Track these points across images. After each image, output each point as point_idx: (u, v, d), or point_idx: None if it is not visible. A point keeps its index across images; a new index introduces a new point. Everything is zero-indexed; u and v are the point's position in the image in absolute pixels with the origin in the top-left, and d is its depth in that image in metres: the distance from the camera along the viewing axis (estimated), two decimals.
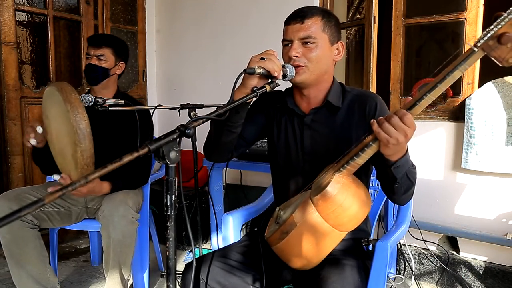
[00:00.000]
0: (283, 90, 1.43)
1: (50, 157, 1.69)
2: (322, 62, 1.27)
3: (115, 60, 2.00)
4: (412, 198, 1.53)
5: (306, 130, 1.33)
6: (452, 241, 2.33)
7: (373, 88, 2.44)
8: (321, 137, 1.31)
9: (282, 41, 1.29)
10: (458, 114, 2.20)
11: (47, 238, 2.08)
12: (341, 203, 1.06)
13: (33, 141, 1.64)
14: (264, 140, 2.27)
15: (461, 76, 2.18)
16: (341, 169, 1.08)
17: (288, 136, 1.36)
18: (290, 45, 1.26)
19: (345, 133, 1.29)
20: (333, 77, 1.35)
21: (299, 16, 1.25)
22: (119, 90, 2.09)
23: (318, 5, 2.65)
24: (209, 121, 1.01)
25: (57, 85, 1.44)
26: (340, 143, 1.29)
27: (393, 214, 1.82)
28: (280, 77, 1.18)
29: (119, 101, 1.77)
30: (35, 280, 1.77)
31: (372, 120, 1.03)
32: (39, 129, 1.64)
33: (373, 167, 1.33)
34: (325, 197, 1.06)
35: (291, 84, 1.33)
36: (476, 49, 0.92)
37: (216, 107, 1.04)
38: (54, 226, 1.91)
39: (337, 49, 1.31)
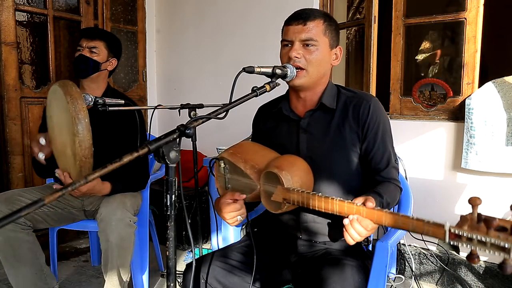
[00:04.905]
0: (277, 97, 1.45)
1: (49, 162, 1.68)
2: (321, 65, 1.27)
3: (108, 55, 1.96)
4: (412, 198, 1.54)
5: (302, 134, 1.33)
6: None
7: (373, 88, 2.45)
8: (316, 139, 1.31)
9: (282, 41, 1.29)
10: (458, 114, 2.20)
11: (47, 238, 2.09)
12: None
13: (41, 155, 1.64)
14: None
15: (461, 76, 2.19)
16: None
17: (285, 140, 1.36)
18: (290, 45, 1.26)
19: (339, 135, 1.29)
20: (329, 80, 1.36)
21: (301, 17, 1.25)
22: (110, 87, 2.04)
23: (318, 5, 2.65)
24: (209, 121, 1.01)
25: (59, 82, 1.47)
26: (335, 145, 1.29)
27: None
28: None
29: (119, 101, 1.76)
30: (31, 281, 1.77)
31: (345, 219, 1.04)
32: (42, 141, 1.63)
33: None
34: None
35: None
36: (446, 229, 0.84)
37: (216, 107, 1.04)
38: (50, 226, 1.91)
39: (335, 53, 1.32)
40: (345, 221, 1.03)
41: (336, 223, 1.28)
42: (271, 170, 1.14)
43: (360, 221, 1.01)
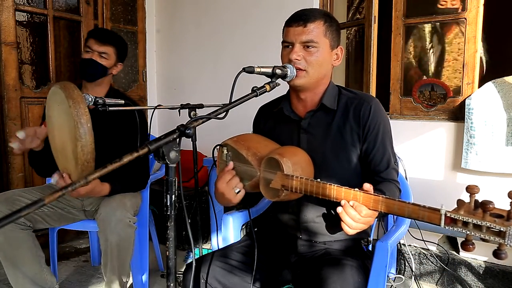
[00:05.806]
0: (278, 97, 1.45)
1: (46, 159, 1.68)
2: (322, 66, 1.27)
3: (116, 60, 1.96)
4: (411, 198, 1.54)
5: (302, 134, 1.33)
6: (452, 241, 2.33)
7: (373, 88, 2.45)
8: (317, 140, 1.32)
9: (282, 42, 1.29)
10: (458, 114, 2.20)
11: (47, 238, 2.09)
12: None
13: (14, 146, 1.62)
14: None
15: (461, 76, 2.19)
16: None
17: (286, 141, 1.36)
18: (290, 47, 1.26)
19: (340, 136, 1.29)
20: (330, 80, 1.36)
21: (301, 19, 1.24)
22: (112, 88, 2.04)
23: (318, 6, 2.65)
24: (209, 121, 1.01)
25: (60, 83, 1.46)
26: (336, 146, 1.29)
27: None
28: None
29: (119, 101, 1.76)
30: (31, 281, 1.76)
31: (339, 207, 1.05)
32: (19, 134, 1.61)
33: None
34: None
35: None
36: (442, 213, 0.85)
37: (216, 107, 1.05)
38: (50, 226, 1.91)
39: (336, 53, 1.32)
40: (339, 209, 1.04)
41: (336, 220, 1.29)
42: (272, 156, 1.15)
43: (355, 207, 1.01)
